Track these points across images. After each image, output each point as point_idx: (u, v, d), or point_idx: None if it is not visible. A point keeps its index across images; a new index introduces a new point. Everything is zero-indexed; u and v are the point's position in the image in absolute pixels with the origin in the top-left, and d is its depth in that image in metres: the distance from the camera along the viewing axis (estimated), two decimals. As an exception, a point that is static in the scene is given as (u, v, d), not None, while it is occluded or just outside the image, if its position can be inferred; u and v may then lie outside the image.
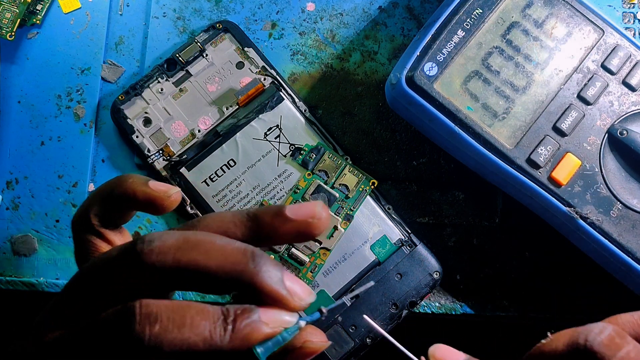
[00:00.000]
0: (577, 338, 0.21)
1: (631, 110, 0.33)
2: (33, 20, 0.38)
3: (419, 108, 0.32)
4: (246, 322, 0.21)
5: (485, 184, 0.35)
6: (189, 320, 0.20)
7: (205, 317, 0.20)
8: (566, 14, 0.33)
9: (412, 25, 0.39)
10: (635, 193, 0.32)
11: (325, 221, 0.23)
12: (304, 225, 0.23)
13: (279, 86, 0.37)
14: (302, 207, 0.23)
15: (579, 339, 0.21)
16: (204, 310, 0.20)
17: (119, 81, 0.38)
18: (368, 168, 0.37)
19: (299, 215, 0.23)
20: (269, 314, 0.21)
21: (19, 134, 0.37)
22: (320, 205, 0.23)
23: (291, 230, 0.23)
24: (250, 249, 0.21)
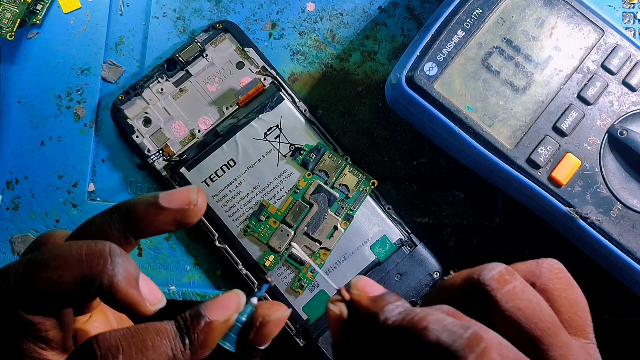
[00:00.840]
0: (472, 274, 0.22)
1: (631, 110, 0.33)
2: (33, 20, 0.38)
3: (419, 108, 0.32)
4: (199, 329, 0.21)
5: (485, 184, 0.35)
6: (150, 342, 0.20)
7: (163, 335, 0.20)
8: (566, 14, 0.33)
9: (412, 25, 0.39)
10: (635, 193, 0.32)
11: (202, 206, 0.23)
12: (180, 213, 0.22)
13: (279, 86, 0.37)
14: (176, 194, 0.22)
15: (473, 274, 0.22)
16: (161, 329, 0.20)
17: (119, 81, 0.38)
18: (368, 168, 0.37)
19: (173, 203, 0.22)
20: (214, 311, 0.21)
21: (19, 134, 0.37)
22: (194, 191, 0.22)
23: (167, 220, 0.22)
24: (107, 249, 0.20)
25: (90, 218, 0.22)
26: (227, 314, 0.22)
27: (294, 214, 0.35)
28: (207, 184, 0.35)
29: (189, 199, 0.22)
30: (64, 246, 0.20)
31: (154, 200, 0.22)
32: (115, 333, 0.20)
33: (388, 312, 0.21)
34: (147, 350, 0.20)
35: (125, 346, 0.20)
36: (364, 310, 0.22)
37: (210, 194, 0.35)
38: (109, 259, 0.20)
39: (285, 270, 0.35)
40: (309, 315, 0.34)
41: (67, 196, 0.37)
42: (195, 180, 0.35)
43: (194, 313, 0.21)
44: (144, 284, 0.21)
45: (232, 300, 0.22)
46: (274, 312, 0.22)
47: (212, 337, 0.21)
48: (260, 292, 0.23)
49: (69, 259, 0.20)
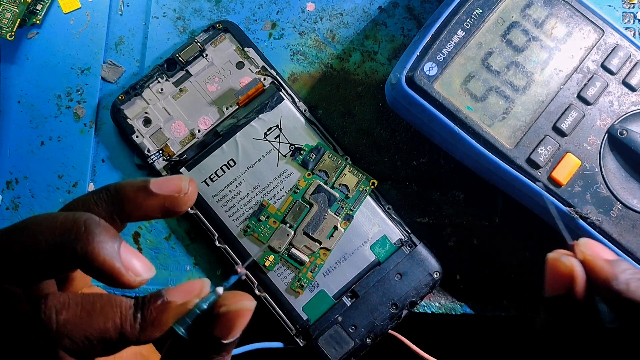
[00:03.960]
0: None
1: (631, 110, 0.33)
2: (33, 20, 0.38)
3: (419, 108, 0.32)
4: (154, 306, 0.20)
5: (485, 184, 0.35)
6: (99, 307, 0.20)
7: (116, 304, 0.20)
8: (566, 14, 0.33)
9: (412, 25, 0.39)
10: (635, 193, 0.32)
11: (192, 196, 0.22)
12: (169, 200, 0.22)
13: (279, 86, 0.37)
14: (167, 181, 0.22)
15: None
16: (116, 299, 0.20)
17: (119, 81, 0.38)
18: (368, 168, 0.37)
19: (163, 190, 0.22)
20: (175, 292, 0.21)
21: (19, 134, 0.37)
22: (185, 180, 0.22)
23: (156, 206, 0.22)
24: (82, 215, 0.20)
25: (78, 196, 0.22)
26: (186, 297, 0.21)
27: (294, 214, 0.35)
28: (207, 184, 0.35)
29: (180, 187, 0.22)
30: (42, 215, 0.20)
31: (144, 185, 0.22)
32: (66, 294, 0.20)
33: (628, 277, 0.20)
34: (94, 313, 0.20)
35: (73, 305, 0.20)
36: (599, 273, 0.20)
37: (210, 194, 0.35)
38: (83, 226, 0.20)
39: (286, 270, 0.35)
40: (309, 315, 0.34)
41: (67, 196, 0.37)
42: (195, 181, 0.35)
43: (155, 293, 0.21)
44: (127, 254, 0.20)
45: (195, 286, 0.21)
46: (236, 302, 0.21)
47: (166, 316, 0.20)
48: (228, 282, 0.22)
49: (43, 226, 0.20)
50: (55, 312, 0.19)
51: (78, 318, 0.19)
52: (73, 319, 0.19)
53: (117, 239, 0.20)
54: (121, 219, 0.22)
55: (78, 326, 0.19)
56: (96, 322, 0.20)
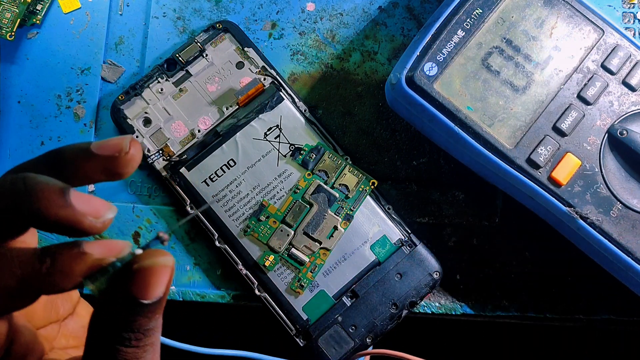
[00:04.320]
0: None
1: (631, 110, 0.33)
2: (33, 20, 0.38)
3: (419, 108, 0.32)
4: (69, 254, 0.19)
5: (485, 184, 0.35)
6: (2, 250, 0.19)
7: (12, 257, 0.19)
8: (566, 14, 0.33)
9: (412, 25, 0.39)
10: (635, 193, 0.32)
11: (134, 156, 0.21)
12: (110, 161, 0.21)
13: (279, 86, 0.37)
14: (108, 141, 0.21)
15: None
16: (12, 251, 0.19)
17: (119, 81, 0.38)
18: (368, 168, 0.37)
19: (103, 150, 0.20)
20: (95, 244, 0.19)
21: (19, 134, 0.37)
22: (127, 139, 0.21)
23: (96, 167, 0.21)
24: (20, 176, 0.19)
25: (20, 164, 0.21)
26: (105, 254, 0.20)
27: (294, 214, 0.35)
28: (207, 184, 0.36)
29: (120, 147, 0.21)
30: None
31: (85, 147, 0.21)
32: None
33: None
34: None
35: None
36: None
37: (210, 194, 0.35)
38: (22, 186, 0.19)
39: (286, 270, 0.35)
40: (309, 315, 0.34)
41: (67, 196, 0.37)
42: (195, 181, 0.35)
43: (72, 242, 0.20)
44: (80, 200, 0.19)
45: (117, 245, 0.20)
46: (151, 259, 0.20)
47: (79, 267, 0.19)
48: (148, 245, 0.20)
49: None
50: None
51: None
52: None
53: (65, 189, 0.19)
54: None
55: None
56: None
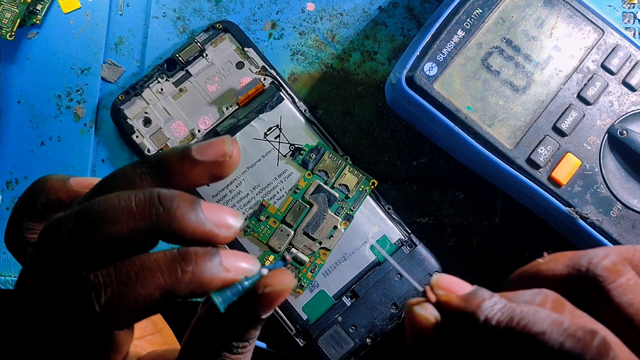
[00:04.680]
0: (579, 261, 0.20)
1: (631, 110, 0.33)
2: (33, 20, 0.38)
3: (419, 108, 0.32)
4: (207, 266, 0.19)
5: (485, 184, 0.35)
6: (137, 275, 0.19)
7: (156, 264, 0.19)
8: (566, 14, 0.33)
9: (412, 25, 0.39)
10: (635, 193, 0.32)
11: (237, 157, 0.21)
12: (215, 166, 0.21)
13: (279, 86, 0.37)
14: (210, 146, 0.21)
15: (580, 261, 0.20)
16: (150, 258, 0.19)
17: (119, 81, 0.38)
18: (368, 168, 0.37)
19: (207, 156, 0.20)
20: (230, 260, 0.20)
21: (19, 134, 0.37)
22: (229, 142, 0.21)
23: (202, 174, 0.21)
24: (154, 194, 0.19)
25: (117, 170, 0.21)
26: (239, 272, 0.20)
27: (294, 214, 0.35)
28: (207, 184, 0.35)
29: (224, 151, 0.21)
30: (108, 198, 0.19)
31: (187, 153, 0.20)
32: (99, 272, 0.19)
33: (488, 311, 0.19)
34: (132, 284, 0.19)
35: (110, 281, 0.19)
36: (456, 310, 0.20)
37: (210, 194, 0.35)
38: (160, 206, 0.19)
39: (285, 270, 0.35)
40: (309, 315, 0.34)
41: (67, 196, 0.37)
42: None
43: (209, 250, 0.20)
44: (212, 212, 0.19)
45: (249, 264, 0.20)
46: (278, 283, 0.20)
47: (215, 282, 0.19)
48: (273, 266, 0.21)
49: (120, 212, 0.19)
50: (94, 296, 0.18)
51: (118, 295, 0.18)
52: (114, 298, 0.18)
53: (195, 203, 0.19)
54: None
55: (122, 303, 0.19)
56: (138, 293, 0.19)
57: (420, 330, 0.20)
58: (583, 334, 0.18)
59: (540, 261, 0.22)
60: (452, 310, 0.20)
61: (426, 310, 0.20)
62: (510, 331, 0.18)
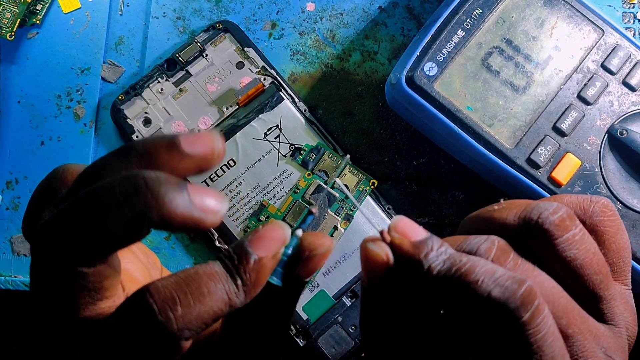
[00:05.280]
0: (530, 212, 0.21)
1: (631, 110, 0.33)
2: (33, 20, 0.38)
3: (419, 108, 0.32)
4: (249, 269, 0.20)
5: (485, 184, 0.35)
6: (205, 289, 0.19)
7: (217, 279, 0.19)
8: (566, 14, 0.33)
9: (412, 25, 0.39)
10: (635, 193, 0.32)
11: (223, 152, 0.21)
12: (203, 160, 0.20)
13: (279, 86, 0.37)
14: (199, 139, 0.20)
15: (532, 213, 0.21)
16: (213, 272, 0.19)
17: (119, 81, 0.38)
18: (368, 168, 0.37)
19: (197, 150, 0.20)
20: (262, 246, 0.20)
21: (19, 134, 0.37)
22: (217, 137, 0.21)
23: (189, 167, 0.20)
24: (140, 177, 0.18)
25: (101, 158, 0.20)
26: (275, 249, 0.20)
27: (294, 214, 0.35)
28: (207, 184, 0.35)
29: (213, 146, 0.20)
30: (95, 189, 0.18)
31: (175, 144, 0.20)
32: (167, 283, 0.19)
33: (432, 260, 0.20)
34: (203, 298, 0.19)
35: (182, 296, 0.18)
36: (405, 255, 0.21)
37: (210, 194, 0.35)
38: (148, 192, 0.18)
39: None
40: (309, 315, 0.34)
41: (67, 196, 0.37)
42: (195, 180, 0.35)
43: (240, 251, 0.20)
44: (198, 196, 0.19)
45: (278, 234, 0.21)
46: (321, 245, 0.21)
47: (263, 274, 0.20)
48: (305, 224, 0.21)
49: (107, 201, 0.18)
50: (169, 310, 0.18)
51: (192, 309, 0.19)
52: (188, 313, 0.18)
53: (183, 187, 0.19)
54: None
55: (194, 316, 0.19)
56: (209, 306, 0.19)
57: (369, 266, 0.21)
58: (510, 283, 0.19)
59: (495, 207, 0.23)
60: (402, 254, 0.21)
61: (380, 249, 0.21)
62: (449, 279, 0.19)
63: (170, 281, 0.19)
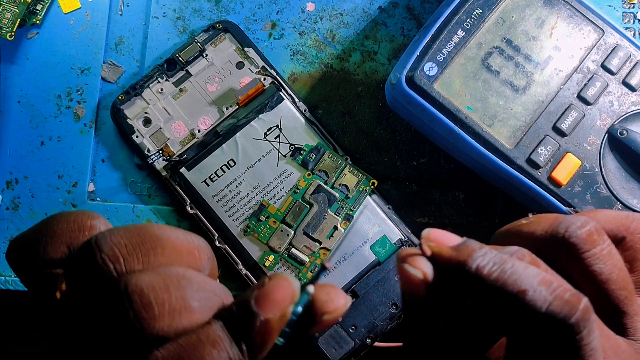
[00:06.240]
0: (558, 226, 0.21)
1: (631, 110, 0.33)
2: (33, 20, 0.38)
3: (419, 108, 0.32)
4: (255, 332, 0.18)
5: (485, 184, 0.35)
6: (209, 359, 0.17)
7: (220, 346, 0.18)
8: (566, 14, 0.33)
9: (412, 25, 0.39)
10: (635, 193, 0.32)
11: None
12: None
13: (279, 86, 0.37)
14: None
15: (559, 227, 0.21)
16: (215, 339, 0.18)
17: (119, 81, 0.38)
18: (368, 168, 0.37)
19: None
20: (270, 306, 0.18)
21: (19, 134, 0.37)
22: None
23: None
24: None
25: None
26: (283, 308, 0.18)
27: (294, 214, 0.35)
28: (207, 184, 0.35)
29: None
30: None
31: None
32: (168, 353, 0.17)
33: (478, 259, 0.19)
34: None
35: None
36: (448, 261, 0.20)
37: (210, 194, 0.35)
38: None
39: (285, 271, 0.35)
40: (309, 315, 0.34)
41: (67, 196, 0.37)
42: (195, 181, 0.35)
43: (245, 311, 0.18)
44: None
45: (287, 291, 0.19)
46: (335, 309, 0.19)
47: (270, 337, 0.18)
48: (317, 279, 0.19)
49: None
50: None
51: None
52: None
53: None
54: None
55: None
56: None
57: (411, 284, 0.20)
58: (570, 296, 0.18)
59: (524, 222, 0.23)
60: (444, 261, 0.20)
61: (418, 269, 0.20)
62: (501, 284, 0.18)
63: (172, 351, 0.18)
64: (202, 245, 0.20)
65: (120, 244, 0.18)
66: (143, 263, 0.18)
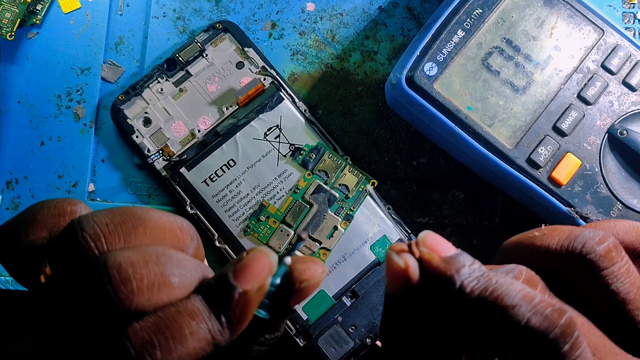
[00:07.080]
0: (574, 241, 0.21)
1: (631, 110, 0.33)
2: (33, 20, 0.38)
3: (419, 108, 0.32)
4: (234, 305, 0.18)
5: (485, 184, 0.35)
6: (187, 330, 0.18)
7: (198, 317, 0.18)
8: (566, 14, 0.33)
9: (412, 25, 0.39)
10: (635, 193, 0.32)
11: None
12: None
13: (279, 86, 0.37)
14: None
15: (575, 242, 0.21)
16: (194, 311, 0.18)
17: (119, 81, 0.38)
18: (368, 168, 0.37)
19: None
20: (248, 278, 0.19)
21: (19, 134, 0.37)
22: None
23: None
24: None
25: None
26: (261, 280, 0.19)
27: (294, 214, 0.35)
28: (207, 184, 0.35)
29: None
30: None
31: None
32: (146, 325, 0.18)
33: (465, 277, 0.19)
34: (185, 340, 0.17)
35: (162, 340, 0.17)
36: (434, 271, 0.19)
37: (210, 194, 0.35)
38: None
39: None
40: (309, 315, 0.34)
41: (67, 196, 0.37)
42: (195, 181, 0.35)
43: (223, 284, 0.18)
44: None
45: (264, 263, 0.19)
46: (312, 276, 0.20)
47: (249, 309, 0.19)
48: (294, 250, 0.20)
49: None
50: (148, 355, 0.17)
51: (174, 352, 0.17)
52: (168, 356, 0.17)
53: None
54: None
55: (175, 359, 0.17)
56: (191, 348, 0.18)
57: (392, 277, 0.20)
58: (551, 312, 0.18)
59: (536, 234, 0.22)
60: (432, 270, 0.20)
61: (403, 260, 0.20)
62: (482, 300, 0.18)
63: (150, 322, 0.18)
64: (185, 225, 0.21)
65: (102, 222, 0.19)
66: (124, 242, 0.19)
